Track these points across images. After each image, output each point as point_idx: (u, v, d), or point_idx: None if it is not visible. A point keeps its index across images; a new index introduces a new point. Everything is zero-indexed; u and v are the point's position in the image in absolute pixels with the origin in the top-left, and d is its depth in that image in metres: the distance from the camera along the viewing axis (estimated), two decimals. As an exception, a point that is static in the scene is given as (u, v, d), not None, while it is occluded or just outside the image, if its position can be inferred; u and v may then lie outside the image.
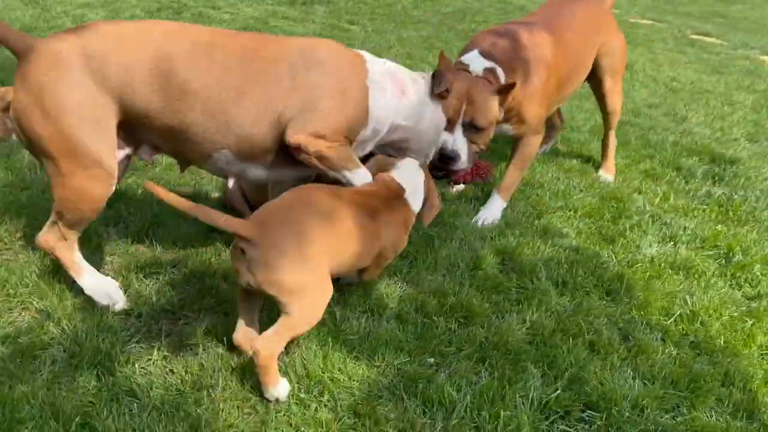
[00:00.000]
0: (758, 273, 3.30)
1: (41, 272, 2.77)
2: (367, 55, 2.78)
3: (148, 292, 2.73)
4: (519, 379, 2.42)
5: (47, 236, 2.56)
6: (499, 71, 3.30)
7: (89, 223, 2.60)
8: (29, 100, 2.31)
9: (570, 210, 3.80)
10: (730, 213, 3.96)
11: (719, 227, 3.75)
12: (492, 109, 3.22)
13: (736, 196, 4.16)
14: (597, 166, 4.45)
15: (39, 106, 2.30)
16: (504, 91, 3.21)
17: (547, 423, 2.27)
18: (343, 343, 2.52)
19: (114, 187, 2.52)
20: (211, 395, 2.23)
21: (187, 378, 2.29)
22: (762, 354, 2.74)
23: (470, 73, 3.26)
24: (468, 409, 2.26)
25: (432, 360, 2.50)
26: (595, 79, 4.10)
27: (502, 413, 2.22)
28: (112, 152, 2.45)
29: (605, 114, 4.28)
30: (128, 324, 2.55)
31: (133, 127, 2.52)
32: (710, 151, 4.89)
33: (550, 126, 4.67)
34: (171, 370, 2.32)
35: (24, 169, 3.65)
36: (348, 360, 2.45)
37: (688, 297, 3.03)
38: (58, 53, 2.31)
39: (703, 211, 3.97)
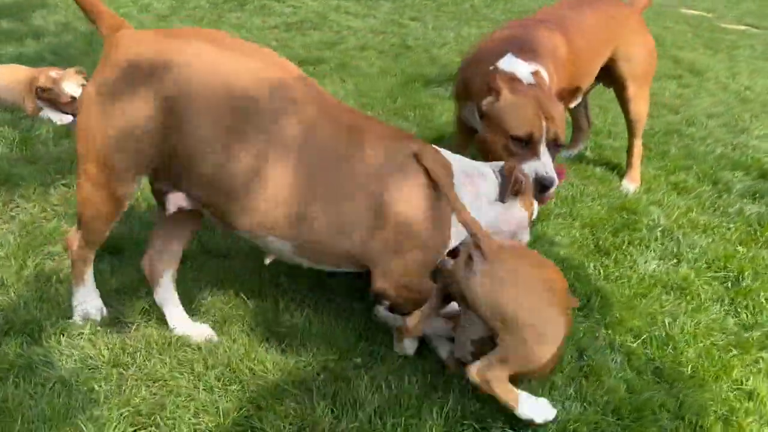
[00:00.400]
0: (763, 300, 2.98)
1: (16, 242, 2.90)
2: (453, 163, 2.48)
3: (106, 269, 2.80)
4: (442, 387, 2.30)
5: (72, 236, 2.45)
6: (542, 71, 3.09)
7: (102, 238, 2.44)
8: (93, 92, 2.19)
9: (571, 218, 3.58)
10: (758, 234, 3.61)
11: (738, 248, 3.43)
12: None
13: (771, 216, 3.79)
14: (623, 175, 4.18)
15: (99, 103, 2.18)
16: (567, 95, 2.95)
17: (457, 436, 2.15)
18: (274, 336, 2.49)
19: (125, 207, 2.36)
20: (122, 373, 2.26)
21: (105, 354, 2.33)
22: (733, 389, 2.47)
23: (520, 80, 2.93)
24: (375, 413, 2.17)
25: (359, 360, 2.42)
26: (616, 84, 3.86)
27: (403, 420, 2.12)
28: (133, 182, 2.28)
29: (628, 121, 4.01)
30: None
31: (175, 171, 2.26)
32: (760, 166, 4.48)
33: (577, 128, 4.45)
34: (94, 345, 2.37)
35: (38, 144, 3.84)
36: (275, 353, 2.42)
37: (668, 319, 2.78)
38: (136, 58, 2.15)
39: (727, 229, 3.63)
